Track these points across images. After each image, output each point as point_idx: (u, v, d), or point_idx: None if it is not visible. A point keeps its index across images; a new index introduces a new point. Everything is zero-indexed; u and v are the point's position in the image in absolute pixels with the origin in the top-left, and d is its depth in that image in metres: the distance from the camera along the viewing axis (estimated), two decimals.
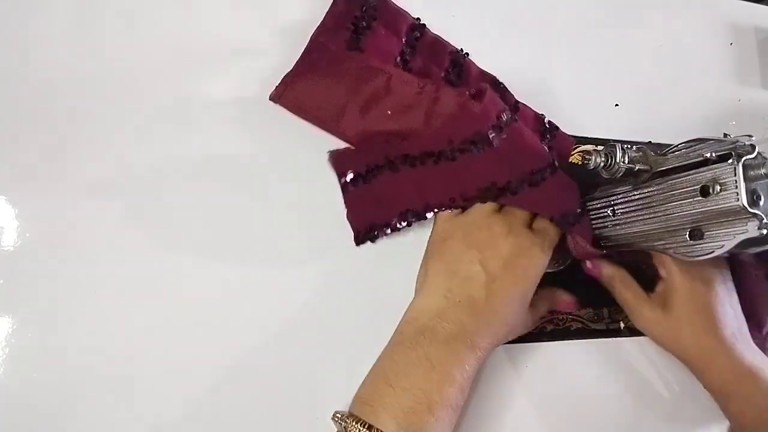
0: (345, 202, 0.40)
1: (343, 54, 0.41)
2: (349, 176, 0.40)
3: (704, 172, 0.33)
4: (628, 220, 0.39)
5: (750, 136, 0.33)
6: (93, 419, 0.36)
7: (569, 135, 0.48)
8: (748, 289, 0.41)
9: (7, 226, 0.36)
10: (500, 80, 0.47)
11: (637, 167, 0.37)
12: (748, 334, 0.39)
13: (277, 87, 0.41)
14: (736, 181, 0.31)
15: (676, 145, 0.37)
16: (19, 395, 0.35)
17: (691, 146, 0.36)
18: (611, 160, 0.37)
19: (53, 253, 0.37)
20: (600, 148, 0.38)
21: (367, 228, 0.41)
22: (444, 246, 0.38)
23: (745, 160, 0.31)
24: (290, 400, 0.39)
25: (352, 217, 0.40)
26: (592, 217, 0.42)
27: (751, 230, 0.31)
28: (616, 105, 0.51)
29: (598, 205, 0.41)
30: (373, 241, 0.41)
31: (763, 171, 0.31)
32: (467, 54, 0.46)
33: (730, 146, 0.32)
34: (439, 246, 0.38)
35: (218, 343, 0.38)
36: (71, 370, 0.36)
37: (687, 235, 0.35)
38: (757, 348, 0.39)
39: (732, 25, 0.56)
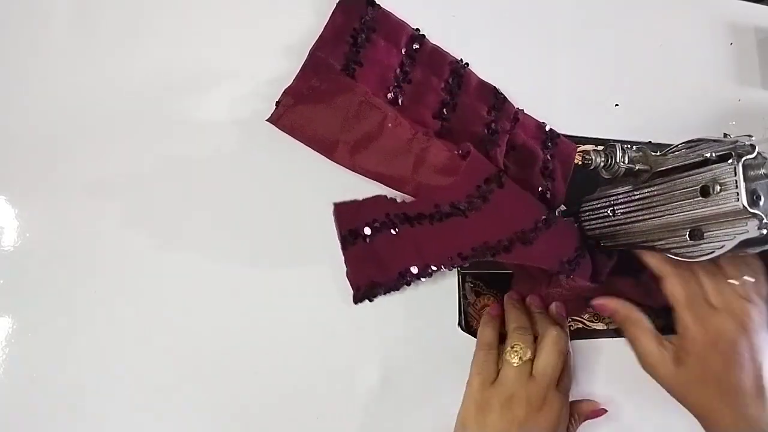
0: (345, 260, 0.40)
1: (341, 82, 0.41)
2: (350, 235, 0.40)
3: (704, 172, 0.33)
4: (628, 220, 0.39)
5: (750, 136, 0.33)
6: (92, 419, 0.36)
7: (571, 142, 0.48)
8: None
9: (7, 226, 0.36)
10: (500, 91, 0.46)
11: (637, 167, 0.37)
12: None
13: (275, 110, 0.40)
14: (736, 181, 0.31)
15: (676, 145, 0.37)
16: (19, 395, 0.35)
17: (691, 146, 0.36)
18: (611, 160, 0.37)
19: (53, 253, 0.37)
20: (600, 148, 0.38)
21: (366, 286, 0.40)
22: (483, 420, 0.37)
23: (745, 160, 0.31)
24: (288, 400, 0.39)
25: (351, 275, 0.40)
26: (592, 217, 0.42)
27: (751, 230, 0.31)
28: (616, 105, 0.51)
29: (598, 205, 0.41)
30: (371, 300, 0.40)
31: (763, 171, 0.31)
32: (467, 64, 0.46)
33: (730, 146, 0.32)
34: (477, 418, 0.38)
35: (218, 343, 0.38)
36: (71, 370, 0.36)
37: (687, 235, 0.35)
38: None
39: (732, 25, 0.56)
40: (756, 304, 0.38)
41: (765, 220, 0.31)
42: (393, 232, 0.40)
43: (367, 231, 0.40)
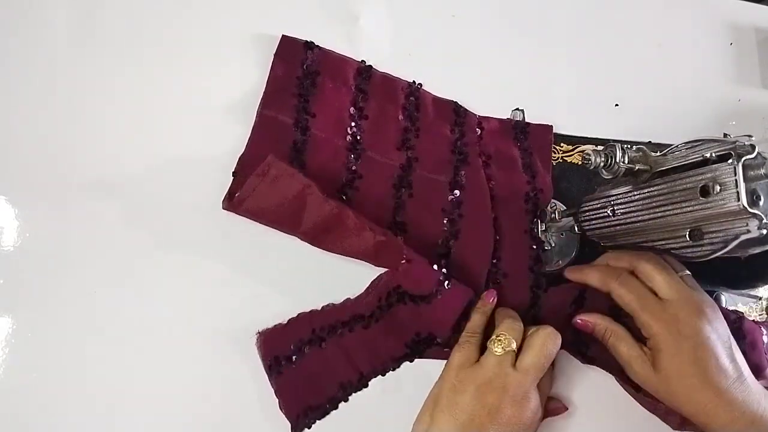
0: (275, 391, 0.38)
1: (291, 176, 0.37)
2: (275, 363, 0.38)
3: (704, 172, 0.33)
4: (628, 220, 0.39)
5: (750, 136, 0.33)
6: (92, 419, 0.36)
7: (546, 124, 0.48)
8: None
9: (7, 226, 0.36)
10: (459, 103, 0.46)
11: (637, 167, 0.37)
12: (752, 377, 0.37)
13: (231, 203, 0.38)
14: (736, 181, 0.31)
15: (676, 145, 0.37)
16: (18, 395, 0.35)
17: (691, 146, 0.36)
18: (611, 160, 0.37)
19: (53, 253, 0.37)
20: (600, 148, 0.38)
21: (302, 412, 0.38)
22: (455, 399, 0.36)
23: (745, 160, 0.31)
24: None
25: (284, 405, 0.38)
26: (592, 217, 0.42)
27: (752, 230, 0.31)
28: (616, 105, 0.51)
29: (598, 205, 0.41)
30: (309, 426, 0.38)
31: (763, 171, 0.31)
32: (420, 85, 0.46)
33: (730, 146, 0.32)
34: (450, 398, 0.36)
35: (218, 342, 0.38)
36: (71, 370, 0.36)
37: (687, 236, 0.35)
38: (764, 390, 0.36)
39: (732, 25, 0.56)
40: (701, 291, 0.38)
41: (765, 220, 0.31)
42: (318, 347, 0.39)
43: (293, 354, 0.38)
